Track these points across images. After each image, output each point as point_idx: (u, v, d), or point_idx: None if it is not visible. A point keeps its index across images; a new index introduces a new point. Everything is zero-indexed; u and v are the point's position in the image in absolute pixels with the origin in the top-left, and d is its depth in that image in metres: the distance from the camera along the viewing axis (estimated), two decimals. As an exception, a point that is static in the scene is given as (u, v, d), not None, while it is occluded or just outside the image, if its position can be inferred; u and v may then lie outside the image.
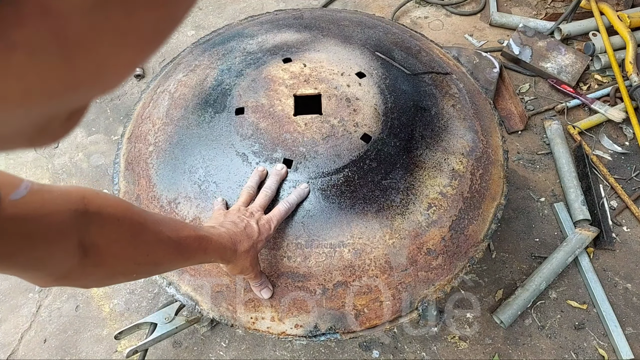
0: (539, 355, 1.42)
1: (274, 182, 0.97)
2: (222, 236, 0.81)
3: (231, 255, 0.83)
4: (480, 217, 1.06)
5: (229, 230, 0.84)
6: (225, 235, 0.82)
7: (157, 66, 2.14)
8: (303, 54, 1.15)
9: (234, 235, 0.84)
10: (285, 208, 0.94)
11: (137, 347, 1.20)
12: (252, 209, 0.93)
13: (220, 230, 0.83)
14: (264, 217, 0.92)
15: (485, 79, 1.91)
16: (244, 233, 0.86)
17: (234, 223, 0.87)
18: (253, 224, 0.89)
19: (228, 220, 0.89)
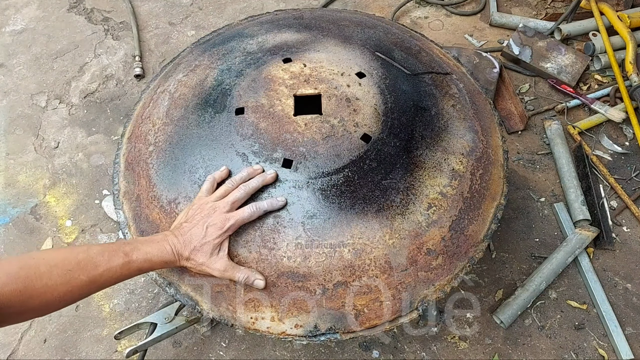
0: (539, 355, 1.42)
1: (257, 182, 0.97)
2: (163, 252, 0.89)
3: (177, 262, 0.92)
4: (480, 217, 1.06)
5: (172, 241, 0.90)
6: (167, 247, 0.89)
7: (157, 66, 2.14)
8: (303, 54, 1.15)
9: (175, 246, 0.90)
10: (250, 212, 0.94)
11: (137, 347, 1.20)
12: (219, 205, 0.93)
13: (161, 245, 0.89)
14: (223, 215, 0.92)
15: (485, 79, 1.91)
16: (187, 240, 0.90)
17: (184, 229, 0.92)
18: (200, 228, 0.91)
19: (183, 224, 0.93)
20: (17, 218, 1.74)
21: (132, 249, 0.86)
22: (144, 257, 0.86)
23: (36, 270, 0.74)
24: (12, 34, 2.28)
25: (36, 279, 0.73)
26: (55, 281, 0.76)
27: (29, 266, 0.73)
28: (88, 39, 2.26)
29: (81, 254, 0.80)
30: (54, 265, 0.76)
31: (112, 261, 0.82)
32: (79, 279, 0.78)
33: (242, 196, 0.95)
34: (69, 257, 0.79)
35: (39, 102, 2.05)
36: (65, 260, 0.78)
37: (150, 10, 2.37)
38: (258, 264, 0.96)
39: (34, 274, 0.73)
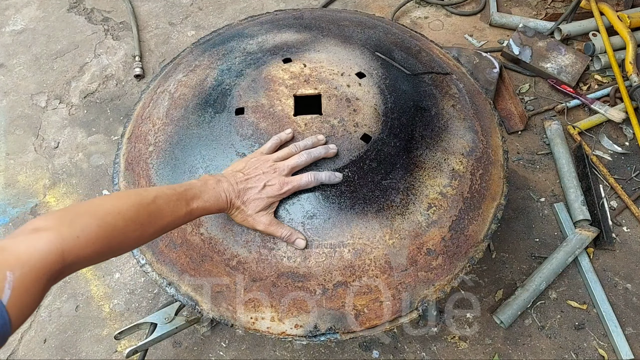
0: (539, 355, 1.42)
1: (320, 152, 0.97)
2: (218, 198, 0.88)
3: (228, 210, 0.92)
4: (480, 217, 1.06)
5: (228, 188, 0.89)
6: (223, 195, 0.89)
7: (157, 66, 2.14)
8: (303, 54, 1.15)
9: (231, 193, 0.90)
10: (307, 180, 0.94)
11: (137, 347, 1.20)
12: (280, 166, 0.94)
13: (217, 191, 0.88)
14: (281, 178, 0.92)
15: (485, 79, 1.91)
16: (243, 189, 0.90)
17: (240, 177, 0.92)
18: (259, 183, 0.91)
19: (238, 173, 0.93)
20: (17, 218, 1.74)
21: (193, 196, 0.85)
22: (203, 206, 0.86)
23: (114, 228, 0.72)
24: (12, 34, 2.28)
25: (114, 238, 0.72)
26: (130, 236, 0.76)
27: (107, 224, 0.71)
28: (88, 39, 2.26)
29: (151, 204, 0.79)
30: (129, 220, 0.75)
31: (177, 211, 0.82)
32: (149, 231, 0.79)
33: (304, 163, 0.95)
34: (141, 210, 0.77)
35: (39, 102, 2.05)
36: (139, 213, 0.77)
37: (150, 10, 2.37)
38: (258, 264, 0.97)
39: (111, 232, 0.72)
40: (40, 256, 0.61)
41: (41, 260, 0.61)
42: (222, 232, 0.99)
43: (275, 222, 0.94)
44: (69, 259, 0.65)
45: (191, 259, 1.01)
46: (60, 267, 0.64)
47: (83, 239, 0.67)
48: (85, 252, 0.67)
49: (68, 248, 0.65)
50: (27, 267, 0.60)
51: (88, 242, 0.68)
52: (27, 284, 0.59)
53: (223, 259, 0.98)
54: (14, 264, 0.59)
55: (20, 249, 0.61)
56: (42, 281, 0.61)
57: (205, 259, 1.00)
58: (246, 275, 0.97)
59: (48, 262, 0.62)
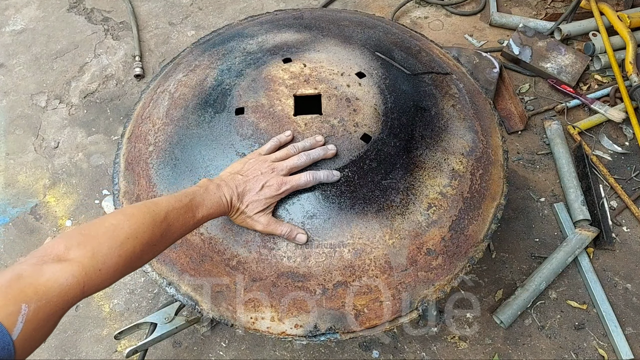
0: (539, 355, 1.42)
1: (318, 154, 0.97)
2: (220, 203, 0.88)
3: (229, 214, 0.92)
4: (480, 217, 1.06)
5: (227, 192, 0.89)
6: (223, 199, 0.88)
7: (157, 66, 2.14)
8: (303, 54, 1.14)
9: (231, 196, 0.89)
10: (306, 180, 0.94)
11: (137, 347, 1.21)
12: (278, 167, 0.94)
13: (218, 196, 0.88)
14: (279, 178, 0.92)
15: (485, 79, 1.91)
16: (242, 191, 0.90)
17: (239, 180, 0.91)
18: (257, 183, 0.91)
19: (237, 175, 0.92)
20: (17, 218, 1.74)
21: (198, 205, 0.85)
22: (207, 213, 0.86)
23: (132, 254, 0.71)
24: (12, 34, 2.28)
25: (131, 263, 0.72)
26: (145, 258, 0.76)
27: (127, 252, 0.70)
28: (88, 39, 2.26)
29: (163, 223, 0.78)
30: (145, 244, 0.74)
31: (185, 224, 0.82)
32: (160, 249, 0.80)
33: (302, 164, 0.95)
34: (155, 231, 0.76)
35: (39, 102, 2.05)
36: (153, 234, 0.76)
37: (150, 10, 2.37)
38: (258, 264, 0.97)
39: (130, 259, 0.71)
40: (60, 290, 0.60)
41: (61, 295, 0.60)
42: (222, 232, 0.99)
43: (274, 221, 0.94)
44: (88, 292, 0.65)
45: (191, 259, 1.01)
46: (78, 299, 0.63)
47: (105, 271, 0.67)
48: (105, 283, 0.68)
49: (89, 282, 0.64)
50: (45, 300, 0.58)
51: (109, 274, 0.68)
52: (41, 318, 0.57)
53: (223, 259, 0.98)
54: (31, 297, 0.57)
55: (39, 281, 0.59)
56: (57, 315, 0.60)
57: (205, 259, 1.00)
58: (246, 275, 0.97)
59: (68, 297, 0.61)
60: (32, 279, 0.59)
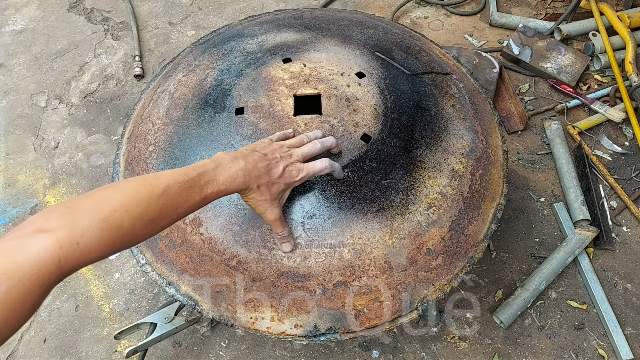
0: (539, 355, 1.42)
1: (331, 142, 0.95)
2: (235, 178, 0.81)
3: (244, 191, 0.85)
4: (480, 217, 1.06)
5: (246, 167, 0.83)
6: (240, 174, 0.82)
7: (157, 66, 2.14)
8: (303, 54, 1.15)
9: (250, 172, 0.83)
10: (322, 166, 0.91)
11: (137, 347, 1.21)
12: (295, 152, 0.91)
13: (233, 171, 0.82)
14: (298, 164, 0.90)
15: (485, 79, 1.91)
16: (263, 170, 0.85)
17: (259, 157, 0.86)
18: (278, 166, 0.87)
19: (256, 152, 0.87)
20: (16, 218, 1.74)
21: (207, 180, 0.78)
22: (217, 189, 0.79)
23: (119, 228, 0.65)
24: (12, 34, 2.28)
25: (119, 238, 0.66)
26: (137, 233, 0.69)
27: (112, 225, 0.64)
28: (88, 39, 2.26)
29: (162, 197, 0.71)
30: (137, 218, 0.68)
31: (189, 200, 0.76)
32: (159, 225, 0.73)
33: (317, 151, 0.93)
34: (151, 205, 0.70)
35: (38, 102, 2.05)
36: (148, 209, 0.69)
37: (150, 10, 2.37)
38: (258, 264, 0.97)
39: (116, 233, 0.65)
40: (33, 267, 0.55)
41: (33, 271, 0.55)
42: (222, 232, 0.99)
43: (280, 220, 0.92)
44: (66, 267, 0.59)
45: (191, 258, 1.01)
46: (57, 277, 0.58)
47: (83, 245, 0.61)
48: (86, 258, 0.62)
49: (65, 256, 0.58)
50: (16, 279, 0.53)
51: (89, 248, 0.62)
52: (15, 299, 0.53)
53: (223, 259, 0.98)
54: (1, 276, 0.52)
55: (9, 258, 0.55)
56: (35, 294, 0.55)
57: (205, 259, 1.00)
58: (246, 275, 0.97)
59: (43, 273, 0.56)
60: (1, 257, 0.55)
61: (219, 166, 0.81)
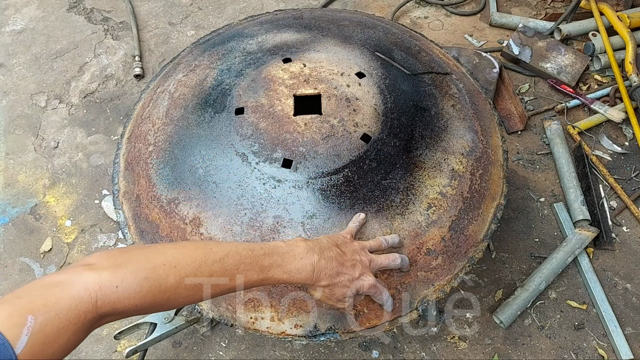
0: (539, 355, 1.42)
1: (406, 260, 0.93)
2: (302, 271, 0.78)
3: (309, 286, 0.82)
4: (480, 217, 1.06)
5: (319, 263, 0.79)
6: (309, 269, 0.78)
7: (157, 66, 2.14)
8: (303, 54, 1.15)
9: (321, 270, 0.80)
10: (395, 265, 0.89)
11: (137, 347, 1.21)
12: (376, 262, 0.87)
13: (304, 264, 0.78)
14: (372, 276, 0.86)
15: (485, 79, 1.91)
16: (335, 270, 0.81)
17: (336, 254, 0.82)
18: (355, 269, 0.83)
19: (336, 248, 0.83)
20: (16, 218, 1.74)
21: (272, 264, 0.75)
22: (280, 277, 0.76)
23: (163, 283, 0.64)
24: (12, 34, 2.28)
25: (160, 294, 0.64)
26: (180, 295, 0.67)
27: (156, 278, 0.63)
28: (88, 38, 2.26)
29: (217, 264, 0.69)
30: (183, 276, 0.66)
31: (246, 276, 0.72)
32: (205, 293, 0.69)
33: (393, 267, 0.91)
34: (203, 268, 0.67)
35: (38, 102, 2.05)
36: (198, 271, 0.67)
37: (150, 10, 2.37)
38: (258, 264, 0.97)
39: (158, 288, 0.63)
40: (70, 303, 0.55)
41: (70, 308, 0.55)
42: (222, 232, 0.99)
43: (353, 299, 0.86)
44: (103, 310, 0.58)
45: (191, 258, 1.01)
46: (94, 316, 0.58)
47: (122, 289, 0.60)
48: (124, 304, 0.60)
49: (103, 297, 0.58)
50: (53, 312, 0.53)
51: (128, 294, 0.61)
52: (50, 333, 0.53)
53: (223, 259, 0.98)
54: (39, 308, 0.53)
55: (52, 291, 0.55)
56: (70, 331, 0.55)
57: (205, 259, 1.00)
58: (246, 275, 0.97)
59: (79, 311, 0.56)
60: (45, 289, 0.55)
61: (289, 252, 0.78)
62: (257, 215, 0.98)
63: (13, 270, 1.62)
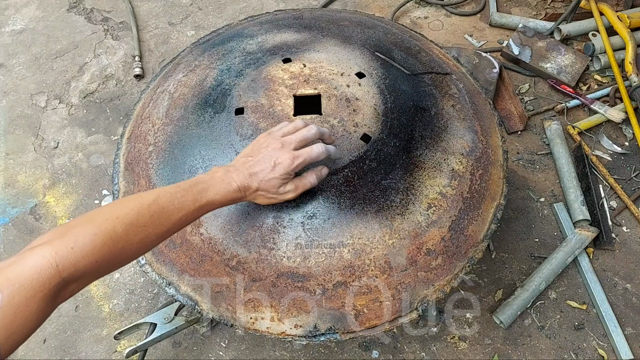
0: (539, 355, 1.42)
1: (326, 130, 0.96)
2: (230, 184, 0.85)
3: (244, 198, 0.89)
4: (480, 218, 1.06)
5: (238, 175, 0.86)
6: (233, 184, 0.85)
7: (157, 66, 2.14)
8: (303, 54, 1.14)
9: (244, 180, 0.86)
10: (319, 151, 0.90)
11: (137, 347, 1.21)
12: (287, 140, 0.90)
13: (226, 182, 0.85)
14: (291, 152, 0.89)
15: (485, 79, 1.91)
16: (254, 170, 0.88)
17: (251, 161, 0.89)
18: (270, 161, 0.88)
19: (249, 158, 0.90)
20: (16, 218, 1.74)
21: (201, 190, 0.82)
22: (213, 199, 0.83)
23: (112, 233, 0.69)
24: (12, 34, 2.28)
25: (114, 243, 0.69)
26: (133, 240, 0.72)
27: (104, 231, 0.68)
28: (88, 39, 2.26)
29: (153, 205, 0.76)
30: (129, 224, 0.71)
31: (183, 208, 0.79)
32: (155, 232, 0.76)
33: (312, 137, 0.92)
34: (142, 211, 0.74)
35: (38, 102, 2.05)
36: (140, 215, 0.73)
37: (150, 10, 2.37)
38: (258, 264, 0.97)
39: (110, 238, 0.68)
40: (31, 272, 0.59)
41: (33, 277, 0.58)
42: (222, 232, 0.99)
43: (300, 182, 0.92)
44: (65, 272, 0.62)
45: (191, 259, 1.01)
46: (58, 281, 0.61)
47: (78, 249, 0.64)
48: (84, 262, 0.64)
49: (62, 260, 0.62)
50: (17, 284, 0.57)
51: (84, 252, 0.65)
52: (19, 303, 0.56)
53: (223, 259, 0.98)
54: (2, 283, 0.56)
55: (10, 269, 0.59)
56: (38, 298, 0.58)
57: (205, 259, 1.00)
58: (246, 275, 0.97)
59: (43, 278, 0.59)
60: (3, 269, 0.59)
61: (212, 178, 0.85)
62: (257, 215, 0.98)
63: (13, 270, 1.62)
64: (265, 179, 0.88)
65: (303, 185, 0.92)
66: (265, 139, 0.92)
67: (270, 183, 0.88)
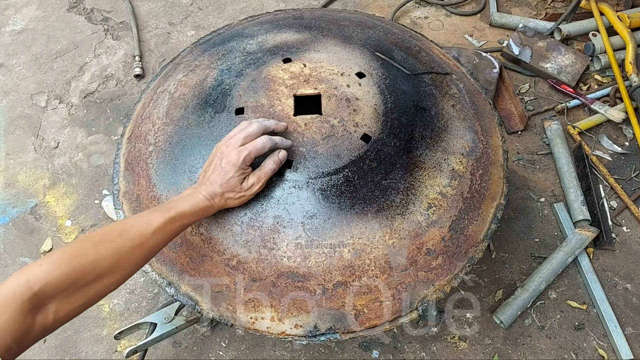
0: (539, 355, 1.42)
1: (271, 123, 0.97)
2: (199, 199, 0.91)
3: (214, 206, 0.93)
4: (480, 218, 1.06)
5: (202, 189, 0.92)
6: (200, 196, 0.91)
7: (157, 66, 2.14)
8: (303, 54, 1.14)
9: (206, 188, 0.92)
10: (263, 142, 0.93)
11: (137, 347, 1.21)
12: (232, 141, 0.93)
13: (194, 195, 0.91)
14: (236, 149, 0.92)
15: (485, 79, 1.91)
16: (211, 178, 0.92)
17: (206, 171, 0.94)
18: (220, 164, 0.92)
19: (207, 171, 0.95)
20: (16, 218, 1.74)
21: (169, 207, 0.87)
22: (182, 209, 0.87)
23: (80, 249, 0.75)
24: (12, 34, 2.28)
25: (82, 256, 0.74)
26: (103, 254, 0.77)
27: (72, 247, 0.75)
28: (88, 39, 2.26)
29: (119, 224, 0.82)
30: (97, 241, 0.77)
31: (152, 223, 0.83)
32: (126, 246, 0.80)
33: (255, 130, 0.94)
34: (108, 230, 0.80)
35: (38, 102, 2.05)
36: (106, 233, 0.79)
37: (150, 10, 2.37)
38: (258, 264, 0.97)
39: (77, 252, 0.75)
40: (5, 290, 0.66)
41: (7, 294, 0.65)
42: (222, 232, 0.99)
43: (261, 172, 0.94)
44: (36, 286, 0.68)
45: (191, 258, 1.01)
46: (30, 296, 0.67)
47: (46, 264, 0.71)
48: (53, 275, 0.70)
49: (32, 276, 0.68)
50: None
51: (52, 266, 0.71)
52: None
53: (223, 259, 0.98)
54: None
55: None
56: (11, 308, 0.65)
57: (205, 259, 1.00)
58: (246, 275, 0.97)
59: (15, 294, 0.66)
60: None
61: (181, 196, 0.92)
62: (257, 215, 0.98)
63: (13, 270, 1.62)
64: (224, 181, 0.92)
65: (265, 174, 0.94)
66: (216, 150, 0.97)
67: (230, 183, 0.92)
